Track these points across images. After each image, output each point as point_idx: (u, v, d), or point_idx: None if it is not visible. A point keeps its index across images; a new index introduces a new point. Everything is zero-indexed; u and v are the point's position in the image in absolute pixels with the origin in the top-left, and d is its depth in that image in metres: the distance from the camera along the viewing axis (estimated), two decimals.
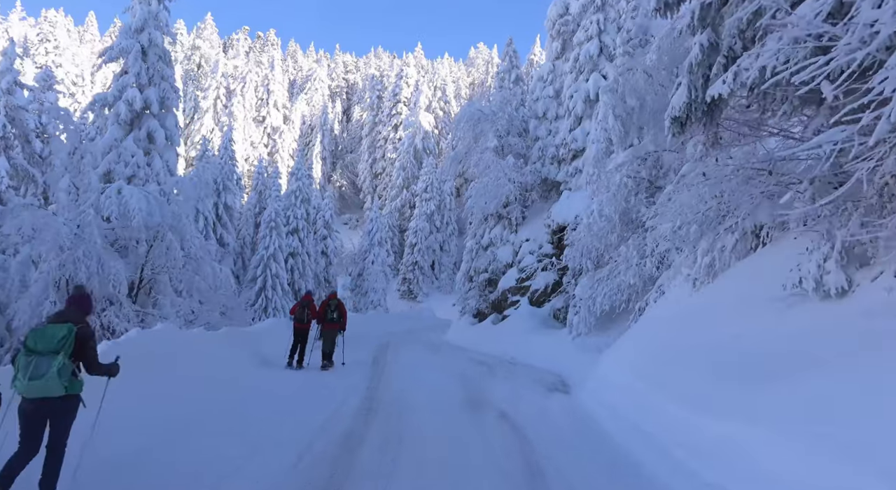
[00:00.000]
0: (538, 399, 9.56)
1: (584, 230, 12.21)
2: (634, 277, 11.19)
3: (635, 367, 7.89)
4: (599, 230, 11.91)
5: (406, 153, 74.61)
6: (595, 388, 8.89)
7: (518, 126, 24.65)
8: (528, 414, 7.99)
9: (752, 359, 5.75)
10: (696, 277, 8.35)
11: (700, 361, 6.36)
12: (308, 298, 14.35)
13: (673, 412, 5.84)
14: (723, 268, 7.97)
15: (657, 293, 10.79)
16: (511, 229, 23.37)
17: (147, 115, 21.33)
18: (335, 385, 10.45)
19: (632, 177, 12.03)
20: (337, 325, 14.08)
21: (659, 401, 6.27)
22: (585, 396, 9.01)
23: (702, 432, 5.28)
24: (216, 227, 44.64)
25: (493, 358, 17.56)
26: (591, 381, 9.66)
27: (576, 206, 19.24)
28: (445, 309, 56.37)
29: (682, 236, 8.72)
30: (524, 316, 20.84)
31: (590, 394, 8.86)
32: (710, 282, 8.09)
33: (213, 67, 75.85)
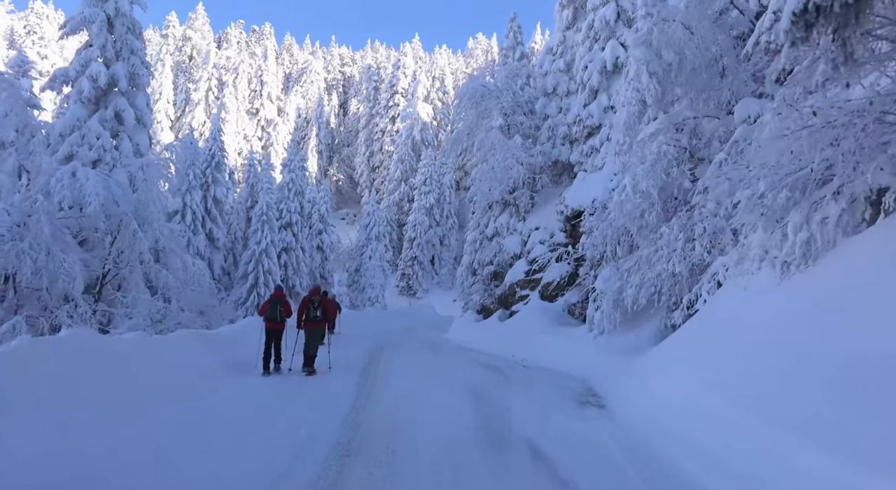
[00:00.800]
0: (572, 421, 7.48)
1: (616, 210, 10.11)
2: (680, 264, 9.13)
3: (724, 385, 5.79)
4: (633, 209, 9.84)
5: (404, 145, 72.45)
6: (652, 409, 6.81)
7: (524, 105, 22.53)
8: (569, 449, 5.89)
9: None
10: (785, 260, 6.29)
11: (837, 385, 4.31)
12: (279, 295, 12.38)
13: (814, 463, 3.79)
14: (826, 247, 5.92)
15: (711, 283, 8.72)
16: (519, 217, 21.26)
17: (114, 92, 19.20)
18: (311, 402, 8.37)
19: (672, 145, 9.95)
20: (321, 325, 12.10)
21: (782, 442, 4.21)
22: (640, 419, 6.92)
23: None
24: (205, 222, 42.51)
25: (503, 360, 15.48)
26: (641, 397, 7.59)
27: (593, 189, 17.15)
28: (446, 305, 54.35)
29: (763, 208, 6.66)
30: (535, 312, 18.76)
31: (646, 416, 6.78)
32: (808, 266, 6.03)
33: (205, 58, 73.62)
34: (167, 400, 7.20)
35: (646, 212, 9.71)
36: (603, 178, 17.06)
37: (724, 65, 11.02)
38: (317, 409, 7.86)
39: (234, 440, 5.96)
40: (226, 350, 12.68)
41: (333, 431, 6.51)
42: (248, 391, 9.03)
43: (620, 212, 10.06)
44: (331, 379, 10.88)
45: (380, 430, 6.58)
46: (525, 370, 13.01)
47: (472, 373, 11.81)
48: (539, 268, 19.45)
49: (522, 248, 20.91)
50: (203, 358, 10.70)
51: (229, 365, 11.69)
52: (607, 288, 13.71)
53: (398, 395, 8.86)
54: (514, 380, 10.91)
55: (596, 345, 13.94)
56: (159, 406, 6.77)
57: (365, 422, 7.01)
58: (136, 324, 13.91)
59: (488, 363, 14.13)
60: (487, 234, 23.03)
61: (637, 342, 12.79)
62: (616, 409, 8.45)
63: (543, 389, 9.92)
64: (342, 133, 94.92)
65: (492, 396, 8.84)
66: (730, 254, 8.46)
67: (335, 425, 6.77)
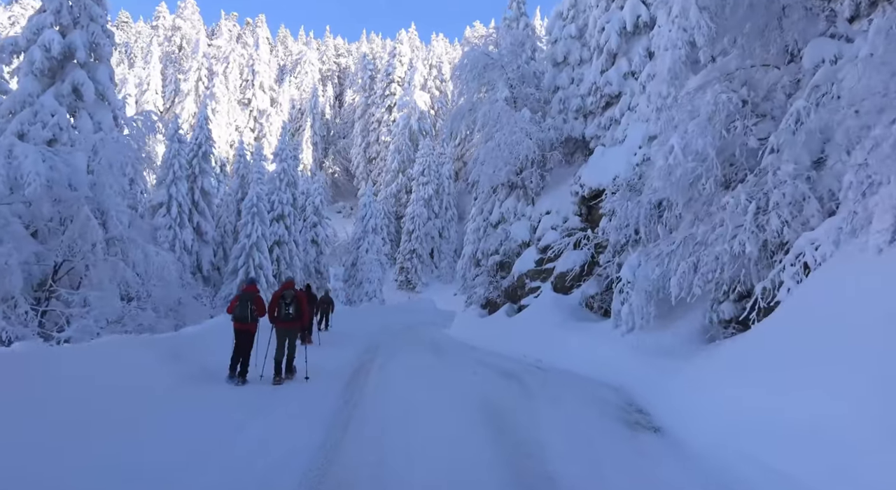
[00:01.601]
0: (629, 455, 5.43)
1: (660, 178, 8.00)
2: (750, 242, 7.05)
3: (855, 401, 3.75)
4: (684, 176, 7.76)
5: (401, 135, 70.22)
6: (732, 433, 4.83)
7: (531, 79, 20.38)
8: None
9: None
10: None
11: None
12: (251, 290, 10.39)
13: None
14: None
15: (796, 267, 6.64)
16: (527, 201, 19.17)
17: (72, 64, 17.05)
18: (265, 435, 6.24)
19: (732, 94, 7.85)
20: (294, 324, 10.15)
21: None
22: (718, 447, 4.92)
23: None
24: (192, 215, 40.38)
25: (515, 362, 13.42)
26: (709, 414, 5.57)
27: (614, 165, 15.06)
28: (446, 299, 52.35)
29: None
30: (547, 306, 16.69)
31: (726, 443, 4.78)
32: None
33: (195, 48, 71.26)
34: (67, 440, 5.12)
35: (702, 178, 7.64)
36: (625, 152, 14.97)
37: (784, 3, 8.93)
38: (270, 448, 5.76)
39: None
40: (188, 356, 10.63)
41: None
42: (189, 418, 6.92)
43: (667, 180, 7.97)
44: (305, 392, 8.81)
45: (364, 478, 4.49)
46: (544, 375, 10.94)
47: (482, 381, 9.74)
48: (551, 256, 17.36)
49: (532, 235, 18.83)
50: (149, 370, 8.63)
51: (188, 375, 9.65)
52: (638, 277, 11.63)
53: (389, 419, 6.78)
54: (534, 390, 8.84)
55: (625, 344, 11.86)
56: (39, 455, 4.69)
57: (338, 474, 4.89)
58: (86, 326, 11.83)
59: (499, 367, 12.07)
60: (492, 221, 20.94)
61: (676, 341, 10.72)
62: (677, 432, 6.40)
63: (575, 404, 7.85)
64: (338, 125, 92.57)
65: (513, 418, 6.77)
66: (823, 226, 6.38)
67: (291, 482, 4.66)
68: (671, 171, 8.02)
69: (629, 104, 15.69)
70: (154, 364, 9.39)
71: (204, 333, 11.73)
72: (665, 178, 8.02)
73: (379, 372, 10.93)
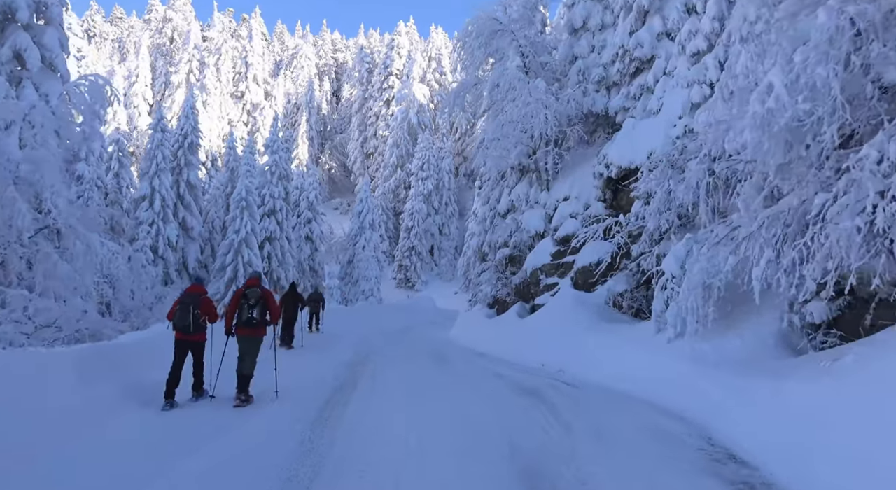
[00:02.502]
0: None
1: (756, 129, 5.62)
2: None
3: None
4: (790, 124, 5.43)
5: (399, 129, 67.85)
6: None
7: (544, 49, 17.98)
8: None
9: None
10: None
11: None
12: (196, 291, 8.14)
13: None
14: None
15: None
16: (541, 186, 16.80)
17: (13, 26, 14.71)
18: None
19: (857, 4, 5.54)
20: (259, 330, 7.87)
21: None
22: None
23: None
24: (178, 209, 38.09)
25: (534, 374, 11.10)
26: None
27: (648, 140, 12.74)
28: (447, 298, 50.15)
29: None
30: (567, 305, 14.36)
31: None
32: None
33: (186, 39, 68.84)
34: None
35: (821, 125, 5.33)
36: (662, 123, 12.64)
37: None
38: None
39: None
40: (123, 371, 8.33)
41: None
42: (82, 467, 4.62)
43: (763, 133, 5.63)
44: (261, 424, 6.47)
45: None
46: (577, 395, 8.60)
47: (500, 405, 7.40)
48: (571, 248, 15.02)
49: (547, 225, 16.48)
50: (58, 391, 6.37)
51: (114, 397, 7.38)
52: (691, 269, 9.29)
53: (374, 483, 4.44)
54: (572, 421, 6.50)
55: (673, 353, 9.52)
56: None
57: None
58: (2, 332, 9.48)
59: (517, 381, 9.74)
60: (500, 211, 18.59)
61: (745, 350, 8.39)
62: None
63: (637, 445, 5.53)
64: (335, 120, 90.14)
65: (558, 481, 4.41)
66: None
67: None
68: (769, 120, 5.69)
69: (664, 69, 13.35)
70: (67, 384, 7.11)
71: (152, 341, 9.38)
72: (761, 130, 5.69)
73: (367, 390, 8.59)
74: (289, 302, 15.67)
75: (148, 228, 35.15)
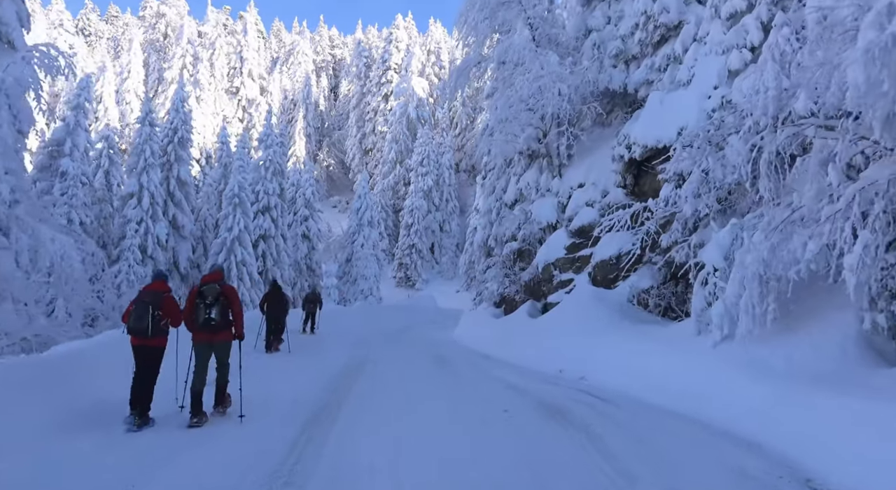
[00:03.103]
0: None
1: (869, 65, 4.16)
2: None
3: None
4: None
5: (398, 124, 66.28)
6: None
7: (555, 23, 16.43)
8: None
9: None
10: None
11: None
12: (157, 287, 6.69)
13: None
14: None
15: None
16: (552, 172, 15.27)
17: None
18: None
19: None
20: (220, 335, 6.57)
21: None
22: None
23: None
24: (168, 207, 36.52)
25: (553, 383, 9.60)
26: None
27: (679, 114, 11.23)
28: (448, 296, 48.69)
29: None
30: (585, 303, 12.85)
31: None
32: None
33: (179, 33, 67.25)
34: None
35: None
36: (694, 96, 11.12)
37: None
38: None
39: None
40: (76, 385, 6.90)
41: None
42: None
43: (883, 65, 4.16)
44: (217, 459, 4.94)
45: None
46: (617, 415, 7.06)
47: (524, 433, 5.87)
48: (587, 240, 13.51)
49: (560, 216, 14.95)
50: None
51: (66, 415, 5.94)
52: (743, 261, 7.79)
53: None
54: (630, 463, 4.94)
55: (723, 358, 8.01)
56: None
57: None
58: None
59: (536, 394, 8.24)
60: (507, 201, 17.07)
61: (824, 357, 6.89)
62: None
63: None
64: (333, 117, 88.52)
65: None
66: None
67: None
68: (887, 50, 4.19)
69: (694, 35, 11.81)
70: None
71: (88, 352, 7.84)
72: (878, 64, 4.21)
73: (358, 409, 7.08)
74: (271, 301, 14.21)
75: (136, 227, 33.58)
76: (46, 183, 33.27)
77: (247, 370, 7.60)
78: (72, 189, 32.25)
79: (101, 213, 37.05)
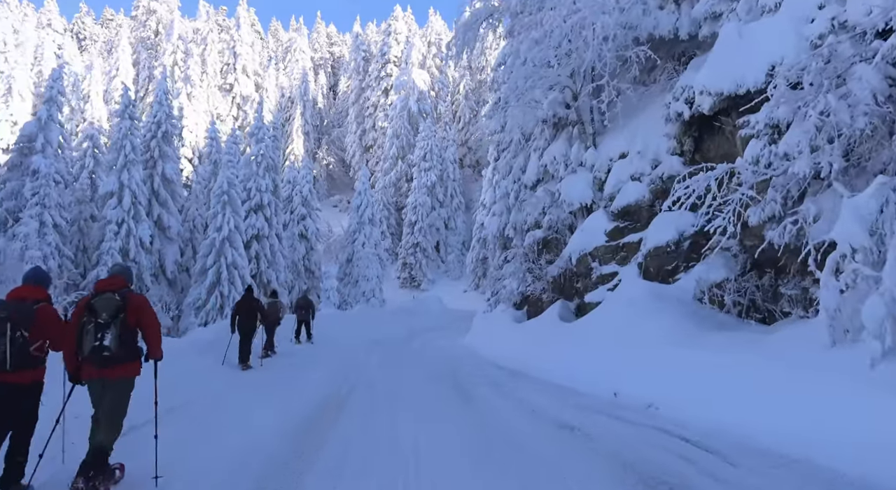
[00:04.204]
0: None
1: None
2: None
3: None
4: None
5: (399, 118, 63.46)
6: None
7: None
8: None
9: None
10: None
11: None
12: (28, 294, 3.82)
13: None
14: None
15: None
16: (585, 142, 12.45)
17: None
18: None
19: None
20: (119, 370, 4.42)
21: None
22: None
23: None
24: (152, 207, 33.87)
25: (617, 418, 6.80)
26: None
27: (767, 47, 8.41)
28: (456, 297, 45.97)
29: None
30: (637, 302, 10.03)
31: None
32: None
33: (169, 29, 64.67)
34: None
35: None
36: (789, 21, 8.30)
37: None
38: None
39: None
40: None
41: None
42: None
43: None
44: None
45: None
46: (733, 474, 4.24)
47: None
48: (635, 223, 10.69)
49: (596, 194, 12.12)
50: None
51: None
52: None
53: None
54: None
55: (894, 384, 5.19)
56: None
57: None
58: None
59: (602, 439, 5.45)
60: (527, 182, 14.25)
61: None
62: None
63: None
64: (332, 115, 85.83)
65: None
66: None
67: None
68: None
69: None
70: None
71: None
72: None
73: (332, 479, 4.29)
74: (243, 311, 11.48)
75: (115, 228, 30.85)
76: (17, 183, 30.70)
77: (189, 402, 4.87)
78: (44, 188, 29.59)
79: (81, 214, 34.37)
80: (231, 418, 6.60)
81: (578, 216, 12.51)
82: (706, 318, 9.11)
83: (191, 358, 10.18)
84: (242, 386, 8.97)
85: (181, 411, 6.55)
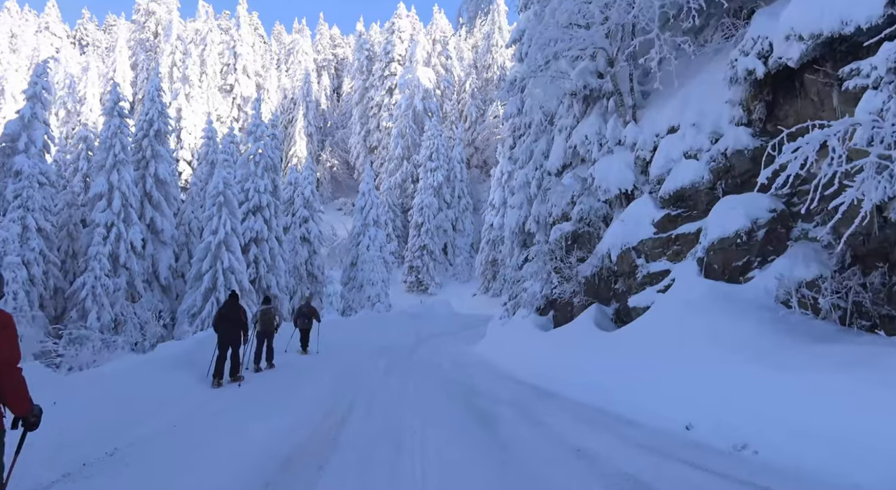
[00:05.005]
0: None
1: None
2: None
3: None
4: None
5: (404, 117, 61.62)
6: None
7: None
8: None
9: None
10: None
11: None
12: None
13: None
14: None
15: None
16: (623, 116, 10.49)
17: None
18: None
19: None
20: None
21: None
22: None
23: None
24: (144, 210, 32.13)
25: (705, 470, 4.81)
26: None
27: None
28: (465, 301, 44.08)
29: None
30: (699, 306, 8.07)
31: None
32: None
33: (167, 29, 63.17)
34: None
35: None
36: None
37: None
38: None
39: None
40: None
41: None
42: None
43: None
44: None
45: None
46: None
47: None
48: (691, 210, 8.74)
49: (639, 178, 10.16)
50: None
51: None
52: None
53: None
54: None
55: None
56: None
57: None
58: None
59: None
60: (551, 168, 12.29)
61: None
62: None
63: None
64: (335, 117, 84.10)
65: None
66: None
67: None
68: None
69: None
70: None
71: None
72: None
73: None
74: (227, 319, 9.60)
75: (104, 232, 29.04)
76: (0, 184, 28.99)
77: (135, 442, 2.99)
78: (27, 190, 27.82)
79: (71, 218, 32.62)
80: (189, 457, 4.69)
81: (616, 205, 10.56)
82: (796, 327, 7.13)
83: (152, 377, 8.31)
84: (232, 400, 7.06)
85: (117, 458, 4.66)
